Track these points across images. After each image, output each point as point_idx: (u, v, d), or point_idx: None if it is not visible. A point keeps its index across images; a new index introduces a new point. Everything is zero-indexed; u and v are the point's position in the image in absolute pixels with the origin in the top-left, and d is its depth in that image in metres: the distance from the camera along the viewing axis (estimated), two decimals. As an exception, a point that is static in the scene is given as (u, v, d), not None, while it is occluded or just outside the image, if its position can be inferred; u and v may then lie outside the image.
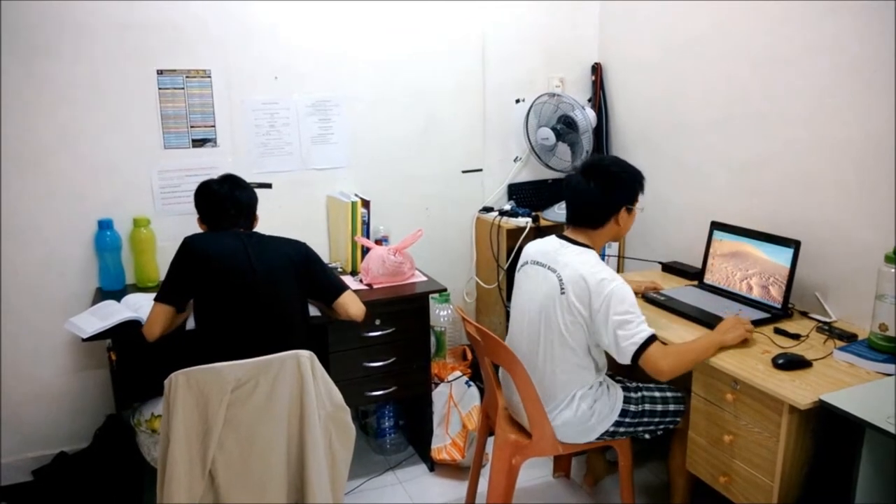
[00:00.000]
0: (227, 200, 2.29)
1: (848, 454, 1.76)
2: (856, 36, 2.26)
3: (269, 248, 2.24)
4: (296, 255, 2.28)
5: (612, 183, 2.16)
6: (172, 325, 2.24)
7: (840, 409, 1.72)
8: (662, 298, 2.56)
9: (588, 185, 2.15)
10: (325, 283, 2.37)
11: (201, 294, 2.19)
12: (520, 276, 2.32)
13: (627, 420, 2.21)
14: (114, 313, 2.37)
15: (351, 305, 2.38)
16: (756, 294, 2.50)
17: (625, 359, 2.03)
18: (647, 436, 2.28)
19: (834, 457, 1.91)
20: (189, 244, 2.20)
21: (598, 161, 2.29)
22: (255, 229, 2.37)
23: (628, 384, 2.29)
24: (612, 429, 2.21)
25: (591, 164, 2.23)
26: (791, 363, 1.99)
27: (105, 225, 2.73)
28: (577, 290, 2.08)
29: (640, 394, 2.25)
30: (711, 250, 2.70)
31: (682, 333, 2.26)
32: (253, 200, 2.36)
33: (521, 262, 2.33)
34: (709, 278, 2.70)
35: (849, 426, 1.72)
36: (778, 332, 2.26)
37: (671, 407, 2.26)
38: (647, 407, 2.23)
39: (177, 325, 2.27)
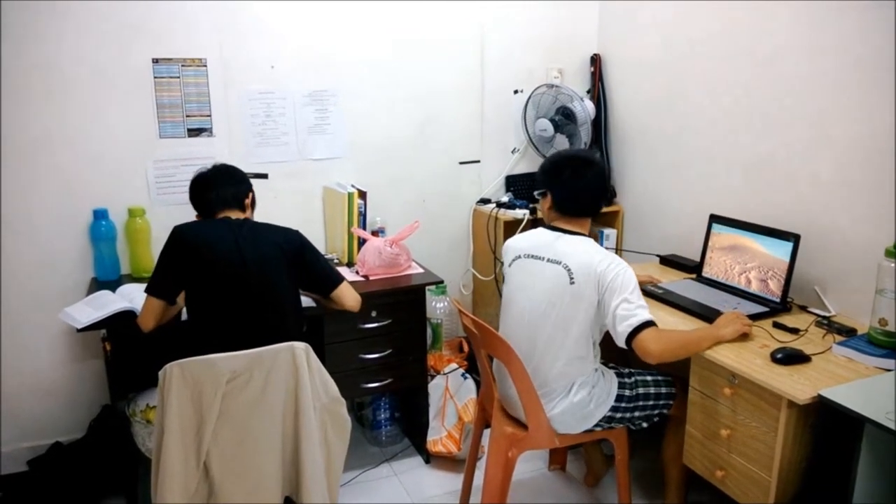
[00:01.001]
0: (217, 189, 2.25)
1: (847, 450, 1.75)
2: (857, 35, 2.24)
3: (261, 236, 2.20)
4: (287, 244, 2.22)
5: (602, 174, 2.26)
6: (166, 316, 2.22)
7: (839, 405, 1.71)
8: (660, 291, 2.55)
9: (586, 177, 2.19)
10: (320, 273, 2.34)
11: (191, 285, 2.15)
12: (512, 271, 2.29)
13: (623, 405, 2.22)
14: (108, 303, 2.36)
15: (347, 297, 2.37)
16: (755, 288, 2.49)
17: (620, 341, 2.05)
18: (644, 423, 2.28)
19: (832, 452, 1.91)
20: (178, 234, 2.16)
21: (583, 154, 2.31)
22: (254, 217, 2.35)
23: (621, 370, 2.30)
24: (609, 414, 2.21)
25: (582, 158, 2.26)
26: (790, 358, 1.98)
27: (100, 215, 2.71)
28: (587, 277, 2.08)
29: (633, 378, 2.27)
30: (710, 243, 2.69)
31: (679, 327, 2.26)
32: (242, 190, 2.30)
33: (510, 256, 2.30)
34: (707, 272, 2.69)
35: (848, 421, 1.71)
36: (776, 326, 2.25)
37: (663, 390, 2.27)
38: (641, 391, 2.25)
39: (171, 317, 2.25)
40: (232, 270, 2.12)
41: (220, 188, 2.26)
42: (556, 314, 2.13)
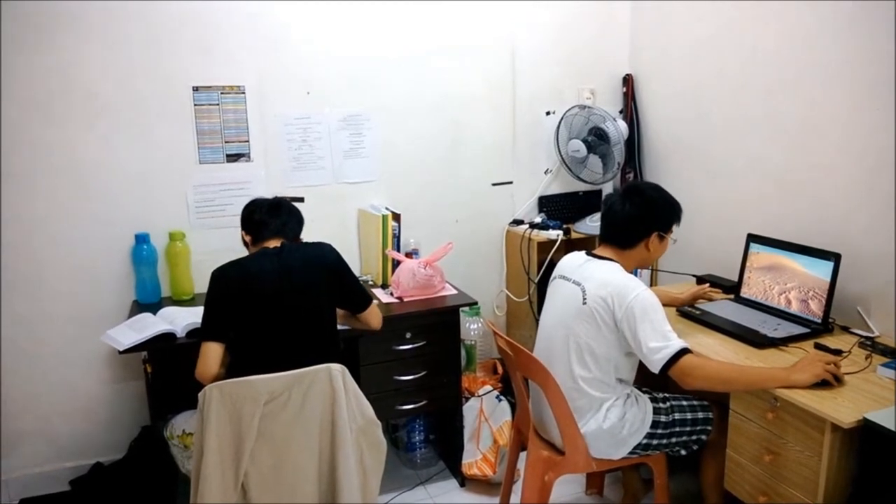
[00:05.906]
0: (285, 220, 2.33)
1: (894, 475, 1.70)
2: (885, 50, 2.21)
3: (300, 257, 2.22)
4: (327, 258, 2.27)
5: (647, 206, 2.20)
6: (224, 363, 2.16)
7: (885, 428, 1.67)
8: (698, 312, 2.52)
9: (624, 206, 2.20)
10: (355, 290, 2.37)
11: (241, 319, 2.14)
12: (549, 290, 2.34)
13: (659, 431, 2.19)
14: (150, 326, 2.40)
15: (376, 318, 2.44)
16: (795, 308, 2.44)
17: (654, 370, 2.03)
18: (682, 451, 2.25)
19: (879, 478, 1.85)
20: (221, 275, 2.16)
21: (640, 185, 2.35)
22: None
23: (655, 395, 2.27)
24: (644, 441, 2.18)
25: (632, 186, 2.31)
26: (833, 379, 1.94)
27: (142, 239, 2.77)
28: (600, 298, 2.09)
29: (668, 404, 2.24)
30: (748, 263, 2.65)
31: (717, 349, 2.23)
32: (300, 230, 2.40)
33: (553, 276, 2.35)
34: (745, 292, 2.65)
35: (894, 446, 1.66)
36: (819, 347, 2.20)
37: (700, 415, 2.24)
38: (678, 416, 2.22)
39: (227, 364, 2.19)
40: (278, 299, 2.13)
41: (289, 221, 2.34)
42: (571, 334, 2.14)
